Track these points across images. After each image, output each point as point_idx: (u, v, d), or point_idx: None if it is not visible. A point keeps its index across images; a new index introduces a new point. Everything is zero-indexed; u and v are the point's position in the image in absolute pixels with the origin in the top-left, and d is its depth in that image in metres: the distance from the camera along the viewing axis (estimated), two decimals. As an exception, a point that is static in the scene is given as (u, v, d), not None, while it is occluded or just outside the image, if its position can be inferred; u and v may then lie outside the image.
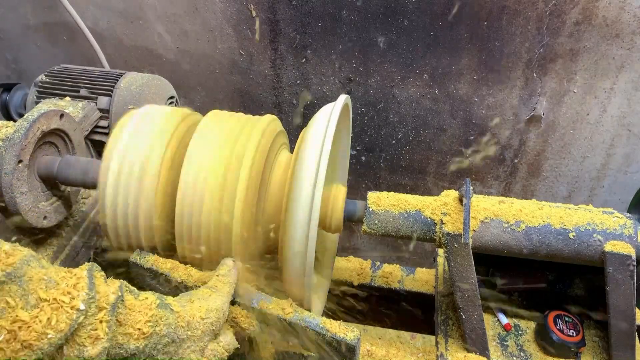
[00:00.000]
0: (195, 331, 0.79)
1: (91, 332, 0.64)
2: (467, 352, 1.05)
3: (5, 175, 0.94)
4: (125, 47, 1.93)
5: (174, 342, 0.75)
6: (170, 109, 1.04)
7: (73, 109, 1.24)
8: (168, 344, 0.74)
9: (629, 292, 0.94)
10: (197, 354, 0.80)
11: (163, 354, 0.74)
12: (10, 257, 0.60)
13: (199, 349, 0.80)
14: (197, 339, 0.79)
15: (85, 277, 0.65)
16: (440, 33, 1.62)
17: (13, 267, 0.59)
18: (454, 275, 0.98)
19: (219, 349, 0.84)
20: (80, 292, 0.63)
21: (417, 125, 1.83)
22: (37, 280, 0.61)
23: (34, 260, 0.63)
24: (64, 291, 0.62)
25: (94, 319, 0.64)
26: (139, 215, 0.94)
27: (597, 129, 1.71)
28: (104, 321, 0.65)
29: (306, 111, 1.89)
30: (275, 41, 1.76)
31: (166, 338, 0.74)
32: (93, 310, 0.64)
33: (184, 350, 0.77)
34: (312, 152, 0.89)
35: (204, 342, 0.81)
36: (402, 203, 1.02)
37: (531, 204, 1.01)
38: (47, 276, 0.63)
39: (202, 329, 0.80)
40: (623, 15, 1.48)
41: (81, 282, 0.64)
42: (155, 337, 0.72)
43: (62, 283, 0.63)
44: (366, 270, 1.37)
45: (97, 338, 0.64)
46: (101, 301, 0.66)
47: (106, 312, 0.65)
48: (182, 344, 0.77)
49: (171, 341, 0.75)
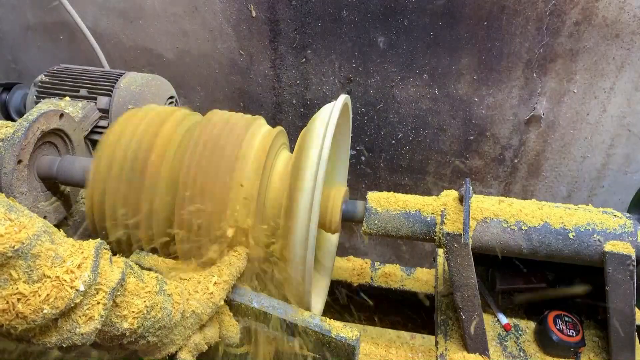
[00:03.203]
0: (188, 320, 0.82)
1: (87, 311, 0.65)
2: (466, 352, 1.05)
3: (5, 175, 0.94)
4: (125, 47, 1.93)
5: (166, 327, 0.78)
6: (170, 109, 1.04)
7: (73, 109, 1.24)
8: (161, 328, 0.77)
9: (629, 292, 0.94)
10: (185, 340, 0.84)
11: (154, 336, 0.77)
12: (22, 230, 0.60)
13: (187, 335, 0.84)
14: (187, 327, 0.83)
15: (91, 257, 0.66)
16: (440, 33, 1.62)
17: (22, 242, 0.60)
18: (454, 275, 0.98)
19: (201, 342, 0.87)
20: (83, 272, 0.64)
21: (417, 125, 1.83)
22: (44, 257, 0.63)
23: (44, 235, 0.63)
24: (67, 269, 0.64)
25: (92, 300, 0.66)
26: (139, 214, 0.94)
27: (597, 129, 1.71)
28: (101, 303, 0.66)
29: (306, 111, 1.89)
30: (275, 41, 1.76)
31: (159, 323, 0.76)
32: (92, 291, 0.66)
33: (174, 335, 0.81)
34: (312, 152, 0.89)
35: (192, 331, 0.84)
36: (402, 203, 1.02)
37: (531, 204, 1.01)
38: (54, 252, 0.64)
39: (194, 319, 0.83)
40: (623, 15, 1.48)
41: (86, 262, 0.65)
42: (149, 322, 0.74)
43: (68, 261, 0.65)
44: (366, 270, 1.37)
45: (91, 318, 0.65)
46: (102, 284, 0.67)
47: (105, 295, 0.67)
48: (173, 329, 0.80)
49: (164, 326, 0.77)
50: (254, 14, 1.71)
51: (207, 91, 1.96)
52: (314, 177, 0.86)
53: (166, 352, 0.82)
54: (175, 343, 0.82)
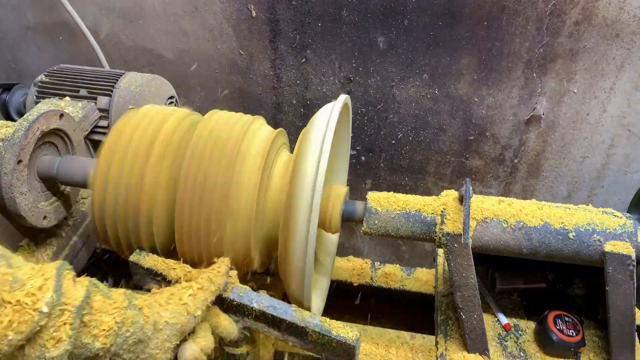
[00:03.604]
0: (162, 332, 0.79)
1: (54, 334, 0.63)
2: (466, 352, 1.05)
3: (5, 175, 0.94)
4: (125, 47, 1.93)
5: (140, 342, 0.76)
6: (170, 109, 1.04)
7: (73, 109, 1.24)
8: (135, 343, 0.75)
9: (629, 292, 0.94)
10: (166, 353, 0.80)
11: (129, 352, 0.74)
12: None
13: (167, 348, 0.80)
14: (164, 340, 0.79)
15: (52, 278, 0.65)
16: (440, 33, 1.62)
17: None
18: (454, 275, 0.98)
19: (198, 352, 0.84)
20: (45, 294, 0.63)
21: (417, 125, 1.83)
22: (1, 281, 0.61)
23: (1, 260, 0.62)
24: (28, 292, 0.62)
25: (58, 321, 0.64)
26: (140, 215, 0.94)
27: (597, 129, 1.71)
28: (68, 324, 0.65)
29: (306, 111, 1.89)
30: (275, 41, 1.76)
31: (132, 338, 0.74)
32: (57, 312, 0.64)
33: (152, 349, 0.78)
34: (312, 152, 0.89)
35: (171, 342, 0.81)
36: (402, 203, 1.02)
37: (531, 204, 1.01)
38: (12, 276, 0.62)
39: (170, 330, 0.80)
40: (623, 15, 1.48)
41: (47, 284, 0.64)
42: (121, 338, 0.72)
43: (28, 284, 0.63)
44: (366, 270, 1.37)
45: (59, 340, 0.64)
46: (66, 304, 0.65)
47: (70, 314, 0.65)
48: (149, 342, 0.77)
49: (138, 341, 0.75)
50: (254, 14, 1.71)
51: (207, 91, 1.96)
52: (314, 177, 0.86)
53: None
54: (156, 358, 0.79)
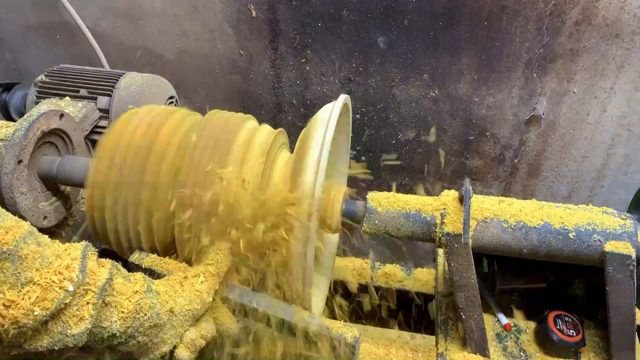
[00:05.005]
0: (177, 317, 0.81)
1: (76, 312, 0.65)
2: (467, 352, 1.05)
3: (5, 175, 0.94)
4: (125, 47, 1.93)
5: (156, 326, 0.78)
6: (170, 109, 1.04)
7: (73, 109, 1.24)
8: (150, 327, 0.77)
9: (629, 292, 0.94)
10: (176, 338, 0.83)
11: (144, 335, 0.76)
12: (8, 233, 0.61)
13: (178, 334, 0.83)
14: (177, 325, 0.82)
15: (78, 258, 0.67)
16: (440, 33, 1.62)
17: (9, 245, 0.60)
18: (454, 275, 0.98)
19: (198, 338, 0.86)
20: (71, 273, 0.65)
21: (417, 125, 1.83)
22: (31, 258, 0.63)
23: (30, 238, 0.64)
24: (55, 271, 0.64)
25: (81, 300, 0.66)
26: (140, 216, 0.94)
27: (597, 129, 1.71)
28: (91, 303, 0.66)
29: (306, 111, 1.89)
30: (275, 41, 1.76)
31: (149, 322, 0.76)
32: (81, 291, 0.66)
33: (164, 333, 0.80)
34: (312, 152, 0.89)
35: (184, 328, 0.83)
36: (402, 203, 1.02)
37: (531, 204, 1.01)
38: (41, 255, 0.64)
39: (183, 316, 0.82)
40: (623, 15, 1.48)
41: (74, 263, 0.66)
42: (138, 321, 0.74)
43: (56, 262, 0.65)
44: (366, 270, 1.37)
45: (81, 318, 0.66)
46: (90, 284, 0.67)
47: (94, 294, 0.67)
48: (163, 327, 0.79)
49: (154, 325, 0.77)
50: (254, 14, 1.71)
51: (207, 91, 1.96)
52: (314, 177, 0.86)
53: (158, 353, 0.81)
54: (167, 342, 0.81)
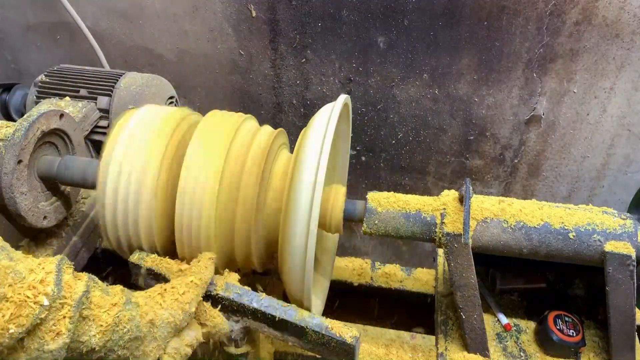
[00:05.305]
0: (159, 329, 0.79)
1: (53, 327, 0.64)
2: (467, 352, 1.05)
3: (5, 175, 0.94)
4: (125, 47, 1.93)
5: (136, 339, 0.76)
6: (170, 109, 1.04)
7: (73, 109, 1.24)
8: (130, 340, 0.75)
9: (629, 292, 0.94)
10: (158, 350, 0.81)
11: (124, 349, 0.75)
12: None
13: (161, 346, 0.81)
14: (159, 337, 0.80)
15: (53, 272, 0.65)
16: (440, 33, 1.62)
17: None
18: (454, 275, 0.98)
19: (182, 346, 0.84)
20: (46, 287, 0.64)
21: (417, 125, 1.83)
22: (3, 274, 0.62)
23: (2, 253, 0.63)
24: (29, 285, 0.63)
25: (58, 315, 0.65)
26: (139, 216, 0.94)
27: (597, 129, 1.71)
28: (67, 317, 0.65)
29: (306, 111, 1.89)
30: (275, 41, 1.76)
31: (128, 335, 0.74)
32: (57, 306, 0.65)
33: (146, 346, 0.78)
34: (312, 152, 0.89)
35: (166, 339, 0.81)
36: (402, 203, 1.02)
37: (531, 204, 1.01)
38: (14, 270, 0.63)
39: (165, 328, 0.80)
40: (623, 15, 1.48)
41: (49, 277, 0.64)
42: (117, 334, 0.73)
43: (29, 277, 0.63)
44: (366, 270, 1.37)
45: (58, 333, 0.64)
46: (66, 297, 0.66)
47: (70, 308, 0.66)
48: (144, 340, 0.78)
49: (134, 337, 0.76)
50: (254, 14, 1.71)
51: (207, 91, 1.96)
52: (314, 177, 0.86)
53: None
54: (149, 355, 0.79)
